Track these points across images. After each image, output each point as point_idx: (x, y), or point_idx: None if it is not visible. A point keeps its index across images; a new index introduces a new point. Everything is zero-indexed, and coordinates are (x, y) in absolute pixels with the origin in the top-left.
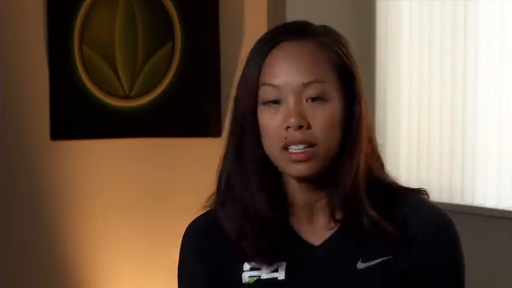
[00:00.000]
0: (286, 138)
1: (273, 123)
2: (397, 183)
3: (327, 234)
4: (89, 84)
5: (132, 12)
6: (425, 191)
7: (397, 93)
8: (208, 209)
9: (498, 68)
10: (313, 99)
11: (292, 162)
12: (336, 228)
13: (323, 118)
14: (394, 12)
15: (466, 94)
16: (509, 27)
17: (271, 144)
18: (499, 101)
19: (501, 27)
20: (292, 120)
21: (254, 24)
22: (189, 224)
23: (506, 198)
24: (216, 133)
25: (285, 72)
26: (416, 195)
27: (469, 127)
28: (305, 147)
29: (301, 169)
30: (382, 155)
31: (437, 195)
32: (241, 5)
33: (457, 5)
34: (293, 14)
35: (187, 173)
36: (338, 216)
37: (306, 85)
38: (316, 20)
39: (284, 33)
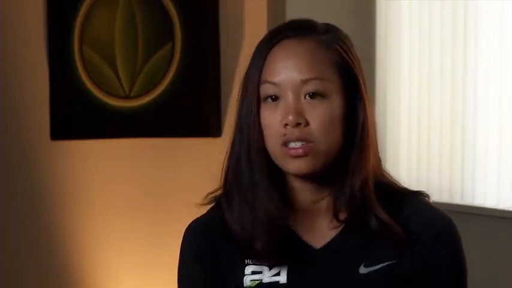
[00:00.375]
0: (285, 135)
1: (272, 121)
2: (397, 184)
3: (329, 235)
4: (89, 84)
5: (132, 12)
6: (427, 194)
7: (397, 93)
8: (206, 207)
9: (498, 68)
10: (312, 96)
11: (291, 157)
12: (338, 230)
13: (321, 115)
14: (394, 12)
15: (466, 94)
16: (509, 27)
17: (271, 142)
18: (499, 101)
19: (501, 27)
20: (290, 117)
21: (254, 24)
22: (189, 224)
23: (506, 198)
24: (216, 133)
25: (285, 70)
26: (418, 197)
27: (469, 127)
28: (303, 144)
29: (300, 165)
30: (381, 155)
31: (437, 195)
32: (241, 5)
33: (457, 5)
34: (293, 14)
35: (187, 173)
36: (342, 216)
37: (304, 82)
38: (316, 20)
39: (285, 31)
